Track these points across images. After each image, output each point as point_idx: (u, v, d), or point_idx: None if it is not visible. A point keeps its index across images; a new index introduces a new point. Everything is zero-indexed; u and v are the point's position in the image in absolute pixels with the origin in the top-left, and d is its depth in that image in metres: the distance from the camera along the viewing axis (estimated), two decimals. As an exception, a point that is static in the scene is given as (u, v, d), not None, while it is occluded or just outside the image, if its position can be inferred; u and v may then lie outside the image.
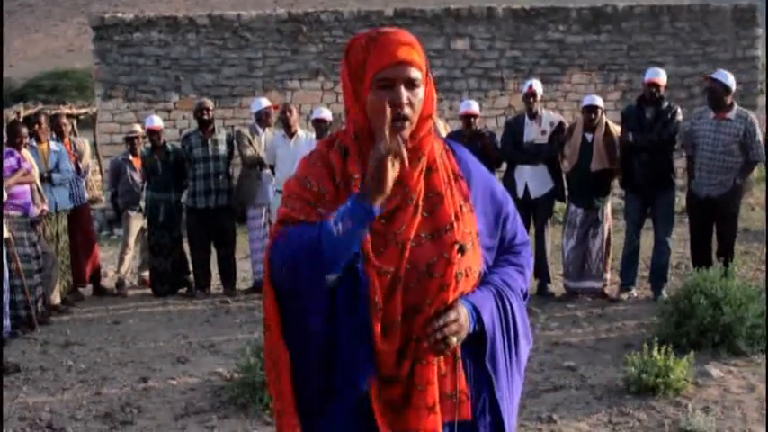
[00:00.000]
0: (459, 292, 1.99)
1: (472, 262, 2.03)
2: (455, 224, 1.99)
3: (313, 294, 1.94)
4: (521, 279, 2.18)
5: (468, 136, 7.80)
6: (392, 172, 1.81)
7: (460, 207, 2.03)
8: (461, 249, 1.97)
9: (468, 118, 7.98)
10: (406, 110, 1.93)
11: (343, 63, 2.00)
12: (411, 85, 1.94)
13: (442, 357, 1.99)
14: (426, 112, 1.99)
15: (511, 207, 2.19)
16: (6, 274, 6.65)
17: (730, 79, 7.17)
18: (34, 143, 7.85)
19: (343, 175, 2.01)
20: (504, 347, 2.09)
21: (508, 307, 2.10)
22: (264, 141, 8.34)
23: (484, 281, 2.09)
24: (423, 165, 2.00)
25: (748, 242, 9.87)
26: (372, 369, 1.96)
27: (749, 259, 8.92)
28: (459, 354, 2.01)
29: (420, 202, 1.98)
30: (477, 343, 2.04)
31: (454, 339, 1.94)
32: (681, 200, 9.61)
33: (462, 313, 1.97)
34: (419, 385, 1.97)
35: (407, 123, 1.94)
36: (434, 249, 1.97)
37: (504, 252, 2.18)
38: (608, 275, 7.74)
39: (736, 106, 7.19)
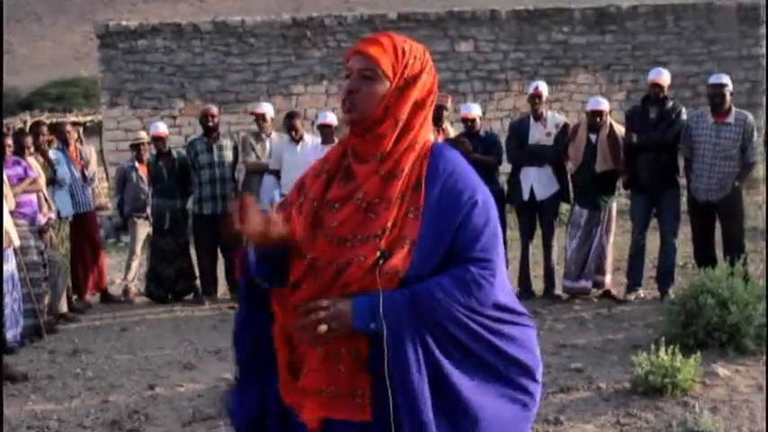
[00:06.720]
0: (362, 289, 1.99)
1: (395, 264, 1.98)
2: (388, 231, 1.99)
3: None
4: (459, 293, 2.01)
5: (454, 140, 7.54)
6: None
7: (406, 213, 2.01)
8: (383, 256, 1.97)
9: (468, 121, 7.92)
10: (349, 96, 2.00)
11: None
12: (364, 76, 1.99)
13: (346, 354, 2.03)
14: (395, 113, 2.00)
15: (476, 218, 2.03)
16: (18, 284, 6.68)
17: (725, 78, 7.16)
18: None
19: (328, 164, 2.14)
20: (420, 357, 2.00)
21: (427, 316, 2.00)
22: (270, 147, 8.36)
23: (405, 286, 2.00)
24: (383, 166, 2.02)
25: (757, 241, 9.82)
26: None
27: (757, 258, 8.87)
28: (364, 353, 2.02)
29: (365, 204, 2.02)
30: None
31: (322, 327, 1.98)
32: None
33: (340, 306, 1.98)
34: (303, 369, 2.08)
35: (353, 111, 2.01)
36: (358, 251, 1.99)
37: (453, 263, 2.03)
38: (608, 277, 7.72)
39: (734, 109, 7.15)
